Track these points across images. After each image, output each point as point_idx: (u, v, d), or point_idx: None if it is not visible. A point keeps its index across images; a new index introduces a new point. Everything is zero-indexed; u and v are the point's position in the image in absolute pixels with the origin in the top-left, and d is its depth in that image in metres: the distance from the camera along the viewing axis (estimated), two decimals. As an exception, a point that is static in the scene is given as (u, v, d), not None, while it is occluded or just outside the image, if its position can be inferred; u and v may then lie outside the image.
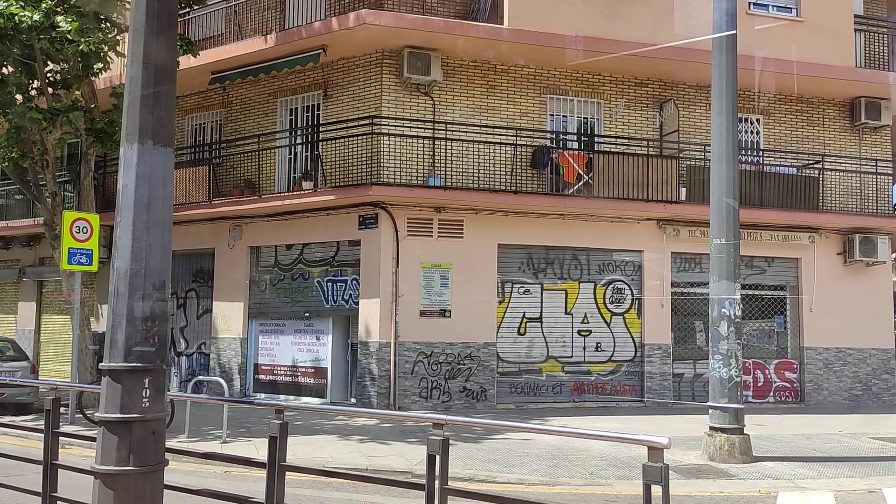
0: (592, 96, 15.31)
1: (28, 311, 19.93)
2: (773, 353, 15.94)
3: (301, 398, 14.64)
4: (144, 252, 4.01)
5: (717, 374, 9.41)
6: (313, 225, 14.59)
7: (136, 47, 4.17)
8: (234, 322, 15.60)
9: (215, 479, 7.76)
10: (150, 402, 3.96)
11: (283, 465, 4.08)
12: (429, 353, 13.81)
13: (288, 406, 4.43)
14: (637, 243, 15.03)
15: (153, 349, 3.99)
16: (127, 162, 4.07)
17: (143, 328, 3.97)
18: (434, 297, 13.96)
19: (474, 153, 14.15)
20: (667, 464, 2.91)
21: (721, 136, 9.62)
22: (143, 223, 4.02)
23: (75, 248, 11.77)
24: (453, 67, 14.47)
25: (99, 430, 3.94)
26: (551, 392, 14.57)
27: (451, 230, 14.10)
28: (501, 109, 14.73)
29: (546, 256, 14.74)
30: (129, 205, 4.03)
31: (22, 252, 20.00)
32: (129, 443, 3.87)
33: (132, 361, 3.92)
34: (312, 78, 15.08)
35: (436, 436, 3.66)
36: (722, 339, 9.39)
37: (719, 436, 9.26)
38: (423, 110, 14.29)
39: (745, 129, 16.19)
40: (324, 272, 14.77)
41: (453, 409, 13.80)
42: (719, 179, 9.58)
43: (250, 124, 15.97)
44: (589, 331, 14.85)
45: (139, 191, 4.03)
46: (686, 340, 15.42)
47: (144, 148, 4.06)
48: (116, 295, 3.99)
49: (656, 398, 14.81)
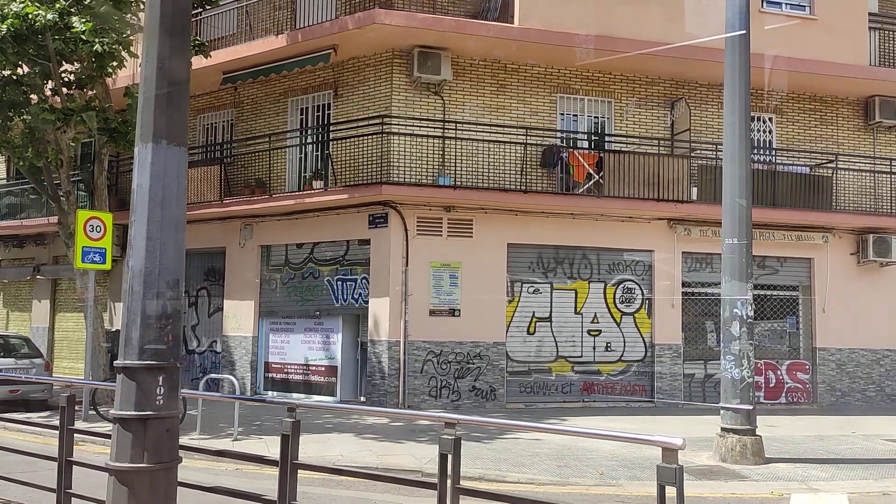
0: (603, 95, 15.26)
1: (42, 309, 20.10)
2: (785, 353, 15.83)
3: (311, 396, 14.69)
4: (158, 250, 4.05)
5: (728, 374, 9.36)
6: (323, 224, 14.64)
7: (150, 48, 4.21)
8: (245, 320, 15.67)
9: (227, 477, 7.80)
10: (165, 399, 4.00)
11: (295, 462, 4.10)
12: (438, 353, 13.83)
13: (300, 404, 4.45)
14: (648, 243, 14.97)
15: (167, 347, 4.03)
16: (141, 161, 4.11)
17: (157, 326, 4.00)
18: (443, 296, 13.97)
19: (484, 152, 14.14)
20: (681, 465, 2.90)
21: (734, 135, 9.57)
22: (157, 222, 4.06)
23: (89, 247, 11.86)
24: (463, 67, 14.47)
25: (114, 427, 3.99)
26: (561, 392, 14.55)
27: (460, 229, 14.10)
28: (512, 109, 14.72)
29: (556, 256, 14.72)
30: (144, 204, 4.07)
31: (36, 250, 20.17)
32: (144, 440, 3.91)
33: (147, 359, 3.96)
34: (323, 77, 15.12)
35: (448, 435, 3.66)
36: (734, 339, 9.35)
37: (731, 437, 9.22)
38: (434, 110, 14.30)
39: (757, 128, 16.09)
40: (334, 271, 14.81)
41: (463, 408, 13.80)
42: (731, 179, 9.53)
43: (261, 124, 16.03)
44: (599, 331, 14.81)
45: (153, 190, 4.07)
46: (697, 340, 15.35)
47: (158, 147, 4.10)
48: (131, 293, 4.03)
49: (666, 398, 14.75)
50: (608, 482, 8.26)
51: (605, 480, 8.31)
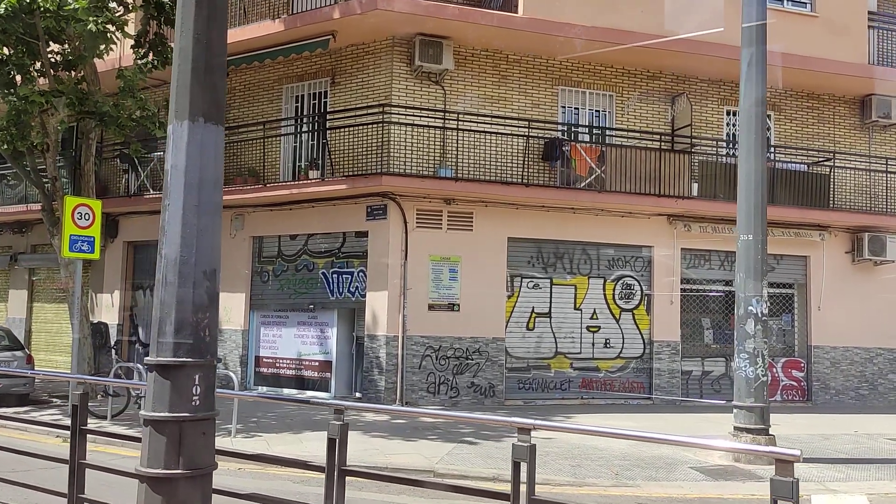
0: (604, 89, 15.06)
1: (19, 299, 19.41)
2: (779, 351, 15.81)
3: (304, 392, 14.34)
4: (195, 237, 3.71)
5: (742, 373, 9.22)
6: (319, 215, 14.25)
7: (186, 18, 3.88)
8: (235, 313, 15.23)
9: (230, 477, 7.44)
10: (202, 399, 3.67)
11: (343, 469, 3.79)
12: (437, 348, 13.54)
13: (349, 406, 4.13)
14: (647, 239, 14.83)
15: (205, 342, 3.70)
16: (176, 140, 3.77)
17: (193, 320, 3.67)
18: (443, 290, 13.69)
19: (485, 144, 13.87)
20: (797, 478, 2.66)
21: (749, 130, 9.40)
22: (193, 207, 3.72)
23: (77, 235, 11.37)
24: (465, 56, 14.16)
25: (145, 429, 3.64)
26: (559, 388, 14.36)
27: (460, 223, 13.82)
28: (513, 100, 14.45)
29: (556, 251, 14.50)
30: (179, 187, 3.72)
31: (13, 239, 19.45)
32: (179, 444, 3.58)
33: (182, 356, 3.63)
34: (320, 64, 14.70)
35: (522, 442, 3.45)
36: (748, 337, 9.20)
37: (745, 436, 9.07)
38: (434, 100, 13.98)
39: (756, 125, 16.01)
40: (329, 263, 14.44)
41: (461, 405, 13.55)
42: (747, 173, 9.37)
43: (254, 111, 15.56)
44: (598, 327, 14.64)
45: (189, 172, 3.73)
46: (694, 337, 15.26)
47: (195, 125, 3.77)
48: (164, 284, 3.69)
49: (664, 395, 14.64)
50: (625, 483, 8.07)
51: (622, 481, 8.12)
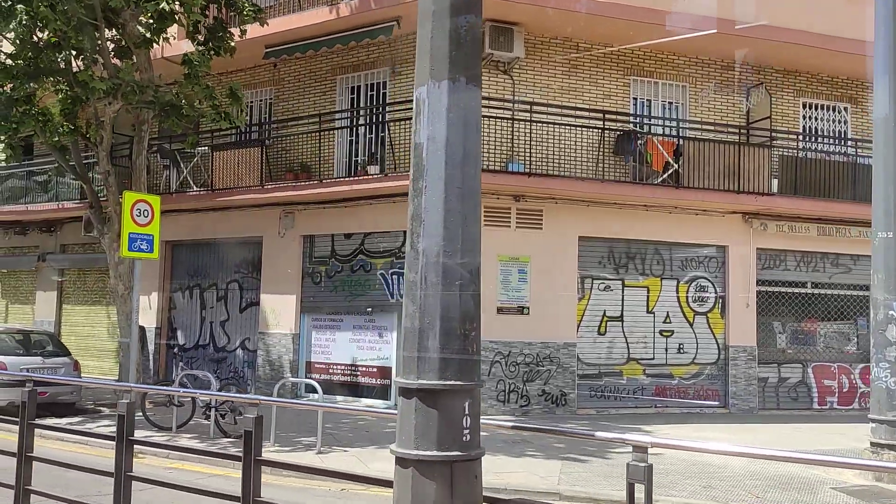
0: (677, 79, 14.32)
1: (47, 301, 18.55)
2: (855, 357, 15.09)
3: (360, 400, 13.56)
4: (460, 227, 2.93)
5: (883, 383, 8.48)
6: (377, 212, 13.45)
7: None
8: (285, 316, 14.42)
9: (339, 501, 6.65)
10: (472, 433, 2.89)
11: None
12: (506, 353, 12.77)
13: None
14: (722, 238, 14.08)
15: (473, 359, 2.92)
16: (432, 106, 2.97)
17: (461, 331, 2.89)
18: (512, 292, 12.91)
19: (556, 137, 13.10)
20: None
21: (888, 118, 8.66)
22: (455, 189, 2.93)
23: (136, 234, 10.59)
24: (535, 44, 13.39)
25: (403, 471, 2.86)
26: (633, 396, 13.60)
27: (530, 220, 13.05)
28: (583, 91, 13.69)
29: (627, 251, 13.75)
30: (439, 163, 2.94)
31: (41, 238, 18.61)
32: (452, 491, 2.80)
33: (451, 378, 2.85)
34: (378, 53, 13.92)
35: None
36: (890, 344, 8.47)
37: (887, 453, 8.34)
38: (503, 90, 13.21)
39: (833, 118, 15.34)
40: (388, 264, 13.64)
41: (532, 414, 12.78)
42: (886, 166, 8.63)
43: (305, 103, 14.78)
44: (671, 331, 13.89)
45: (451, 145, 2.95)
46: (769, 343, 14.51)
47: (456, 87, 2.98)
48: (423, 285, 2.90)
49: (741, 404, 13.89)
50: (772, 505, 7.31)
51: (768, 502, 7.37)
